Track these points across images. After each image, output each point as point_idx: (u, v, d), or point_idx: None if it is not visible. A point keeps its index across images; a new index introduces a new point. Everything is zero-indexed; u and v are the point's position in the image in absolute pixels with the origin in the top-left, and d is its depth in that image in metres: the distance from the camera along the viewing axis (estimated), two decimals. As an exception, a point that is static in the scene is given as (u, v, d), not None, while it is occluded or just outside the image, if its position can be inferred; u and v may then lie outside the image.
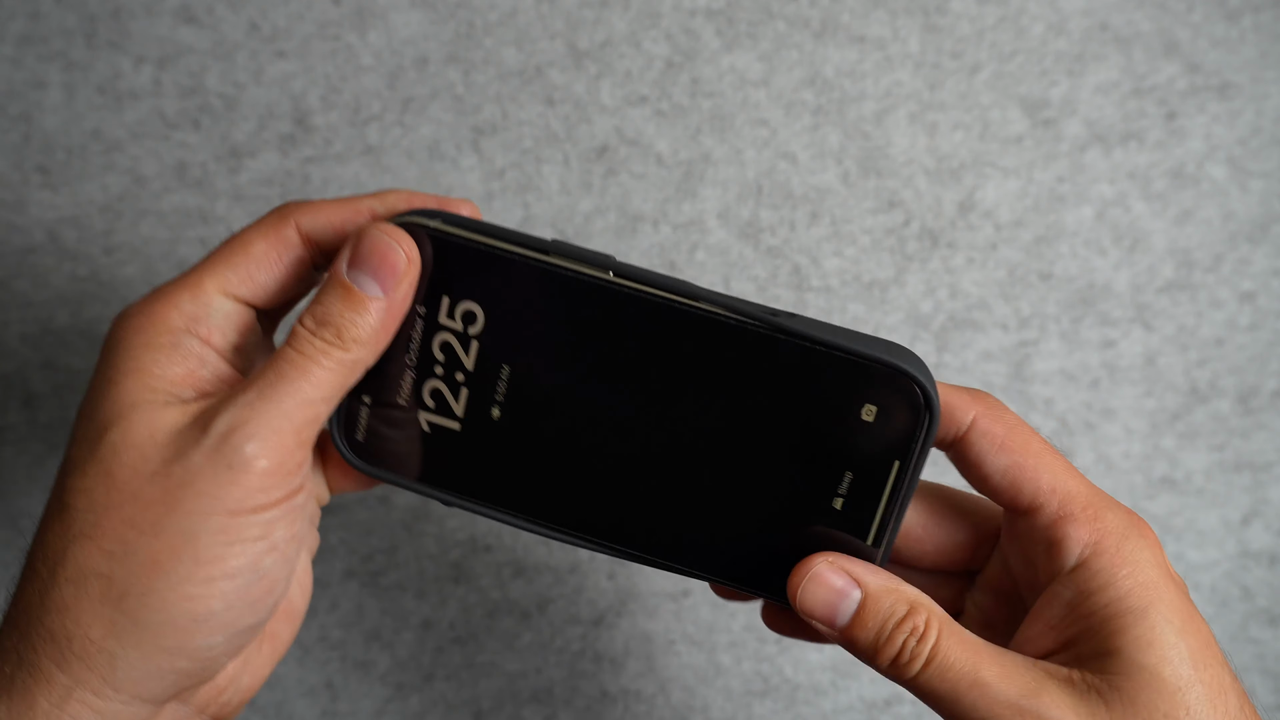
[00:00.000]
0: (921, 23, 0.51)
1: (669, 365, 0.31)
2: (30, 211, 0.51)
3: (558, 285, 0.31)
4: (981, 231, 0.52)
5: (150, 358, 0.29)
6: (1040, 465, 0.31)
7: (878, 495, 0.31)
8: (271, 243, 0.31)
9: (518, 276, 0.31)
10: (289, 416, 0.28)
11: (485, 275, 0.31)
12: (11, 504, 0.52)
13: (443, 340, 0.32)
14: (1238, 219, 0.52)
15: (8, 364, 0.51)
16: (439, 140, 0.51)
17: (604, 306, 0.31)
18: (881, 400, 0.30)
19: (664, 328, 0.30)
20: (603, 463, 0.32)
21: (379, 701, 0.53)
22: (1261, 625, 0.53)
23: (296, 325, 0.30)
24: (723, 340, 0.30)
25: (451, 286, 0.31)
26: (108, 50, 0.51)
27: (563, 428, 0.32)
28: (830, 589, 0.30)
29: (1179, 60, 0.52)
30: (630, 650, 0.53)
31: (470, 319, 0.32)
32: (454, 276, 0.31)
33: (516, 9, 0.51)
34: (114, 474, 0.28)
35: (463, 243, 0.31)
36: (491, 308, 0.31)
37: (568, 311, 0.31)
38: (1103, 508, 0.30)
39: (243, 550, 0.28)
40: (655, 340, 0.31)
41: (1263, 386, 0.52)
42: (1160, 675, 0.28)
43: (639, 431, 0.32)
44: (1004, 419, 0.31)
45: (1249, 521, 0.53)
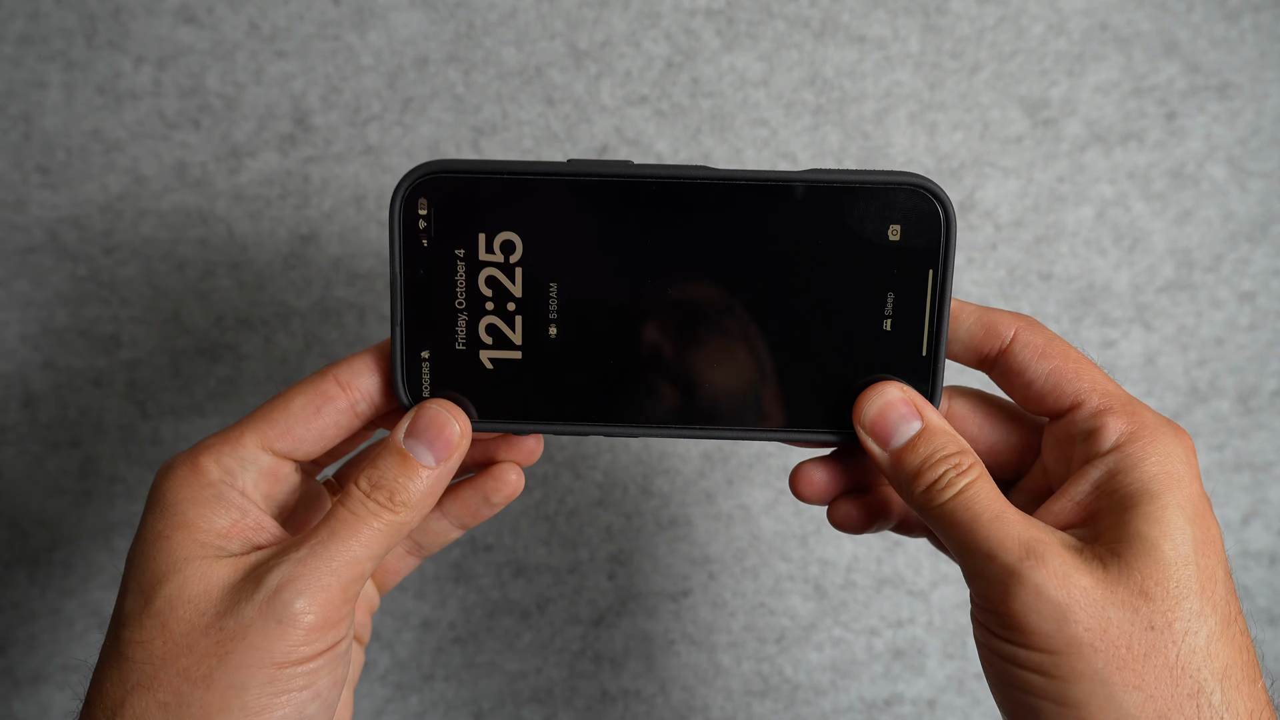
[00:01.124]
0: (921, 23, 0.51)
1: (703, 241, 0.33)
2: (30, 211, 0.51)
3: (587, 194, 0.33)
4: (981, 231, 0.52)
5: (196, 512, 0.31)
6: (1081, 369, 0.33)
7: (921, 306, 0.33)
8: (310, 398, 0.33)
9: (547, 197, 0.33)
10: (337, 574, 0.30)
11: (516, 204, 0.33)
12: (11, 504, 0.52)
13: (488, 275, 0.33)
14: (1238, 219, 0.52)
15: (8, 364, 0.51)
16: (439, 140, 0.51)
17: (633, 202, 0.33)
18: (902, 217, 0.32)
19: (692, 207, 0.33)
20: (662, 348, 0.34)
21: (379, 701, 0.53)
22: (1261, 625, 0.53)
23: (351, 486, 0.32)
24: (749, 204, 0.33)
25: (485, 222, 0.33)
26: (108, 50, 0.51)
27: (618, 326, 0.34)
28: (897, 412, 0.33)
29: (1179, 60, 0.52)
30: (630, 650, 0.53)
31: (509, 248, 0.33)
32: (485, 212, 0.33)
33: (516, 9, 0.51)
34: (169, 627, 0.30)
35: (488, 179, 0.33)
36: (527, 232, 0.33)
37: (600, 215, 0.33)
38: (1142, 407, 0.32)
39: (289, 700, 0.30)
40: (686, 221, 0.33)
41: (1263, 386, 0.52)
42: (1159, 548, 0.29)
43: (690, 309, 0.33)
44: (1044, 332, 0.34)
45: (1249, 521, 0.53)
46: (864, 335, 0.33)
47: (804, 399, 0.34)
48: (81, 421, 0.52)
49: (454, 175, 0.33)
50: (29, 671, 0.52)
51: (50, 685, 0.53)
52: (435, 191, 0.33)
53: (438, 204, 0.33)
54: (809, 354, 0.34)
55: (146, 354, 0.52)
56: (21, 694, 0.53)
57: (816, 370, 0.34)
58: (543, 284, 0.33)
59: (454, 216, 0.33)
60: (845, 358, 0.34)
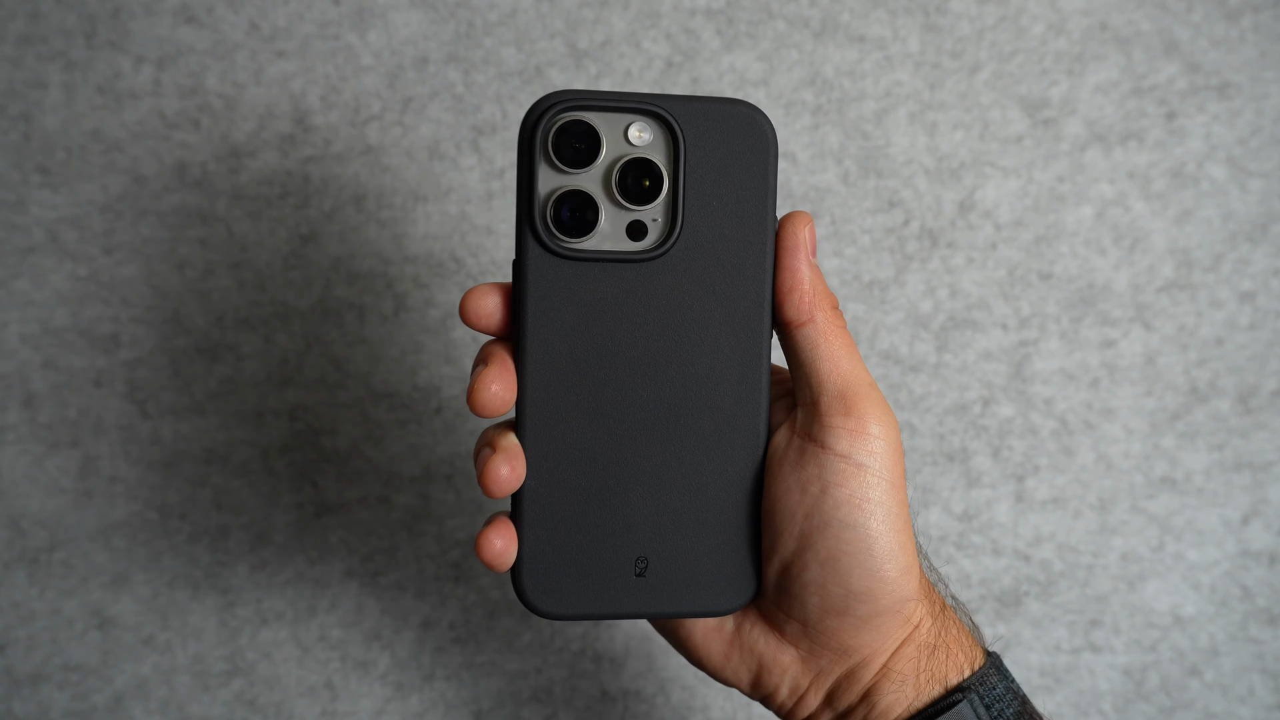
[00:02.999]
0: (921, 23, 0.51)
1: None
2: (30, 211, 0.51)
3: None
4: (981, 231, 0.52)
5: None
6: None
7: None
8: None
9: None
10: None
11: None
12: (11, 504, 0.52)
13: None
14: (1238, 219, 0.52)
15: (8, 364, 0.51)
16: (439, 140, 0.51)
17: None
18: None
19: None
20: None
21: (379, 701, 0.53)
22: (1261, 625, 0.53)
23: None
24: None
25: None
26: (108, 50, 0.51)
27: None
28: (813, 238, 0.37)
29: (1179, 60, 0.52)
30: (630, 650, 0.53)
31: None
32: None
33: (516, 9, 0.51)
34: None
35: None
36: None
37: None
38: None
39: None
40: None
41: (1263, 386, 0.52)
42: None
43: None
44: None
45: (1249, 521, 0.53)
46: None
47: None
48: (81, 421, 0.52)
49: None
50: (29, 671, 0.52)
51: (50, 685, 0.53)
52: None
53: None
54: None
55: (146, 354, 0.52)
56: (21, 694, 0.53)
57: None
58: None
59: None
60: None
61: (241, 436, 0.52)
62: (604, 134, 0.33)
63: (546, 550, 0.35)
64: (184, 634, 0.52)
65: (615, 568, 0.35)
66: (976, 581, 0.52)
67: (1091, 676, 0.53)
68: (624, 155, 0.33)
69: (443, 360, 0.52)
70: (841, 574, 0.33)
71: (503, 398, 0.33)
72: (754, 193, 0.34)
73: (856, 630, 0.34)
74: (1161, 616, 0.53)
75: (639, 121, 0.33)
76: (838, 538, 0.33)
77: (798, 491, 0.34)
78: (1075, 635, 0.53)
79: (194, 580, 0.52)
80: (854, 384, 0.34)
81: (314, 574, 0.52)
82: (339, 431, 0.52)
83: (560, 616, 0.35)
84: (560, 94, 0.33)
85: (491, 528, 0.34)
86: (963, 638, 0.36)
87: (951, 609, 0.37)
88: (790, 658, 0.36)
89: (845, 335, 0.35)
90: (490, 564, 0.34)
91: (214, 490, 0.52)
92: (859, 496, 0.33)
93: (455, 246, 0.52)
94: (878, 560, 0.33)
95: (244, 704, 0.52)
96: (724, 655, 0.37)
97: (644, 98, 0.34)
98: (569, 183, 0.33)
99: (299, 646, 0.53)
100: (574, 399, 0.34)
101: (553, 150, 0.33)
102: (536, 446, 0.34)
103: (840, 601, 0.34)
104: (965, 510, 0.52)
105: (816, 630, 0.35)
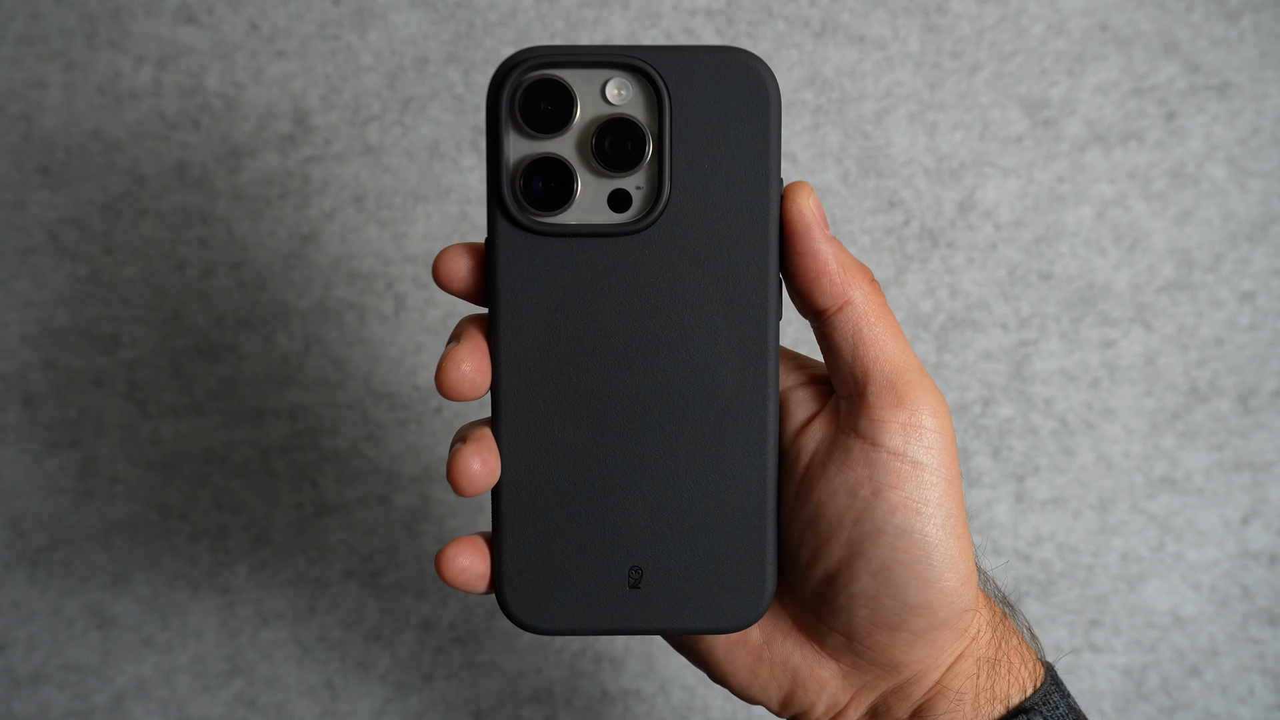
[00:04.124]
0: (921, 23, 0.51)
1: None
2: (30, 211, 0.51)
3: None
4: (981, 231, 0.52)
5: None
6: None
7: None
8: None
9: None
10: None
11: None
12: (11, 504, 0.52)
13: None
14: (1238, 219, 0.52)
15: (8, 364, 0.51)
16: (439, 140, 0.51)
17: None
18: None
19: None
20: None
21: (379, 701, 0.53)
22: (1261, 625, 0.53)
23: None
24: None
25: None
26: (108, 50, 0.51)
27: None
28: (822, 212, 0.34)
29: (1179, 60, 0.52)
30: (630, 650, 0.53)
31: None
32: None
33: (516, 9, 0.51)
34: None
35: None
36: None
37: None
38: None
39: None
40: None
41: (1263, 386, 0.52)
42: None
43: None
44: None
45: (1249, 521, 0.53)
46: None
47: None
48: (81, 421, 0.52)
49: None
50: (29, 671, 0.52)
51: (50, 685, 0.53)
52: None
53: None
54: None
55: (146, 354, 0.52)
56: (21, 694, 0.53)
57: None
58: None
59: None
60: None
61: (241, 436, 0.52)
62: (578, 92, 0.29)
63: (529, 557, 0.31)
64: (184, 634, 0.52)
65: (606, 578, 0.31)
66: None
67: (1091, 676, 0.53)
68: (602, 116, 0.30)
69: (443, 360, 0.52)
70: (897, 586, 0.30)
71: (473, 380, 0.30)
72: (753, 152, 0.30)
73: (910, 646, 0.31)
74: (1161, 616, 0.53)
75: (618, 77, 0.30)
76: (893, 546, 0.30)
77: (845, 495, 0.30)
78: (1075, 635, 0.53)
79: (194, 580, 0.52)
80: (903, 370, 0.30)
81: (314, 574, 0.52)
82: (339, 431, 0.52)
83: (546, 631, 0.32)
84: (528, 50, 0.30)
85: (452, 544, 0.31)
86: (1024, 649, 0.33)
87: (1009, 617, 0.34)
88: (830, 672, 0.32)
89: (888, 313, 0.31)
90: (452, 584, 0.31)
91: (214, 490, 0.52)
92: (916, 499, 0.30)
93: (455, 246, 0.52)
94: (937, 570, 0.30)
95: (244, 704, 0.52)
96: (750, 670, 0.33)
97: (623, 50, 0.29)
98: (541, 149, 0.30)
99: (299, 646, 0.53)
100: (555, 390, 0.31)
101: (521, 113, 0.29)
102: (514, 442, 0.31)
103: (894, 615, 0.30)
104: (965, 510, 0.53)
105: (863, 645, 0.31)
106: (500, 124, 0.30)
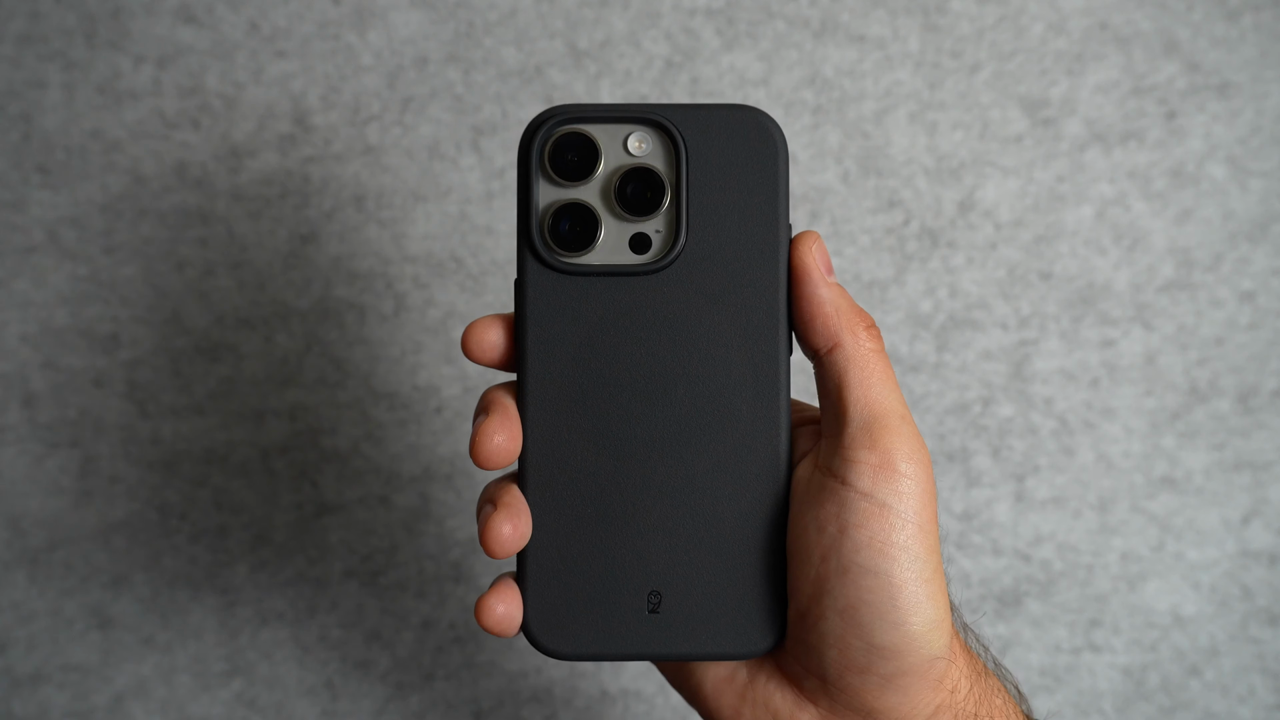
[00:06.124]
0: (921, 22, 0.51)
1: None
2: (30, 211, 0.51)
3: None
4: (981, 231, 0.52)
5: None
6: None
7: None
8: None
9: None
10: None
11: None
12: (11, 504, 0.52)
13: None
14: (1238, 218, 0.52)
15: (8, 364, 0.51)
16: (439, 140, 0.51)
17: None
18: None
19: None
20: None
21: (379, 701, 0.53)
22: (1261, 625, 0.53)
23: None
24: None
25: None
26: (108, 50, 0.51)
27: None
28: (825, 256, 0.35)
29: (1179, 60, 0.52)
30: (630, 650, 0.53)
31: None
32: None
33: (516, 9, 0.51)
34: None
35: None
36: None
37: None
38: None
39: None
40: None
41: (1263, 386, 0.52)
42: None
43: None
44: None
45: (1249, 521, 0.53)
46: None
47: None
48: (81, 421, 0.52)
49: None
50: (29, 671, 0.52)
51: (50, 685, 0.53)
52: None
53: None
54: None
55: (146, 354, 0.52)
56: (21, 694, 0.53)
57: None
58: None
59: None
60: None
61: (241, 436, 0.52)
62: (602, 145, 0.32)
63: (553, 584, 0.33)
64: (184, 634, 0.52)
65: (626, 602, 0.33)
66: (976, 581, 0.52)
67: (1091, 676, 0.53)
68: (624, 166, 0.32)
69: (443, 360, 0.52)
70: (862, 626, 0.30)
71: (507, 449, 0.32)
72: (763, 199, 0.32)
73: (881, 690, 0.31)
74: (1161, 616, 0.53)
75: (638, 131, 0.33)
76: (857, 584, 0.30)
77: (814, 531, 0.31)
78: (1075, 635, 0.53)
79: (194, 580, 0.52)
80: (882, 414, 0.31)
81: (314, 574, 0.52)
82: (339, 431, 0.52)
83: (569, 656, 0.33)
84: (558, 109, 0.33)
85: (493, 592, 0.32)
86: (1009, 708, 0.33)
87: (994, 674, 0.34)
88: (809, 716, 0.32)
89: (879, 359, 0.32)
90: (493, 630, 0.32)
91: (214, 490, 0.52)
92: (881, 539, 0.30)
93: (455, 246, 0.52)
94: (902, 612, 0.30)
95: (244, 704, 0.52)
96: (734, 709, 0.34)
97: (643, 107, 0.33)
98: (568, 196, 0.32)
99: (299, 646, 0.53)
100: (579, 420, 0.33)
101: (550, 163, 0.32)
102: (539, 471, 0.33)
103: (861, 657, 0.31)
104: (965, 510, 0.52)
105: (836, 688, 0.31)
106: (531, 173, 0.32)
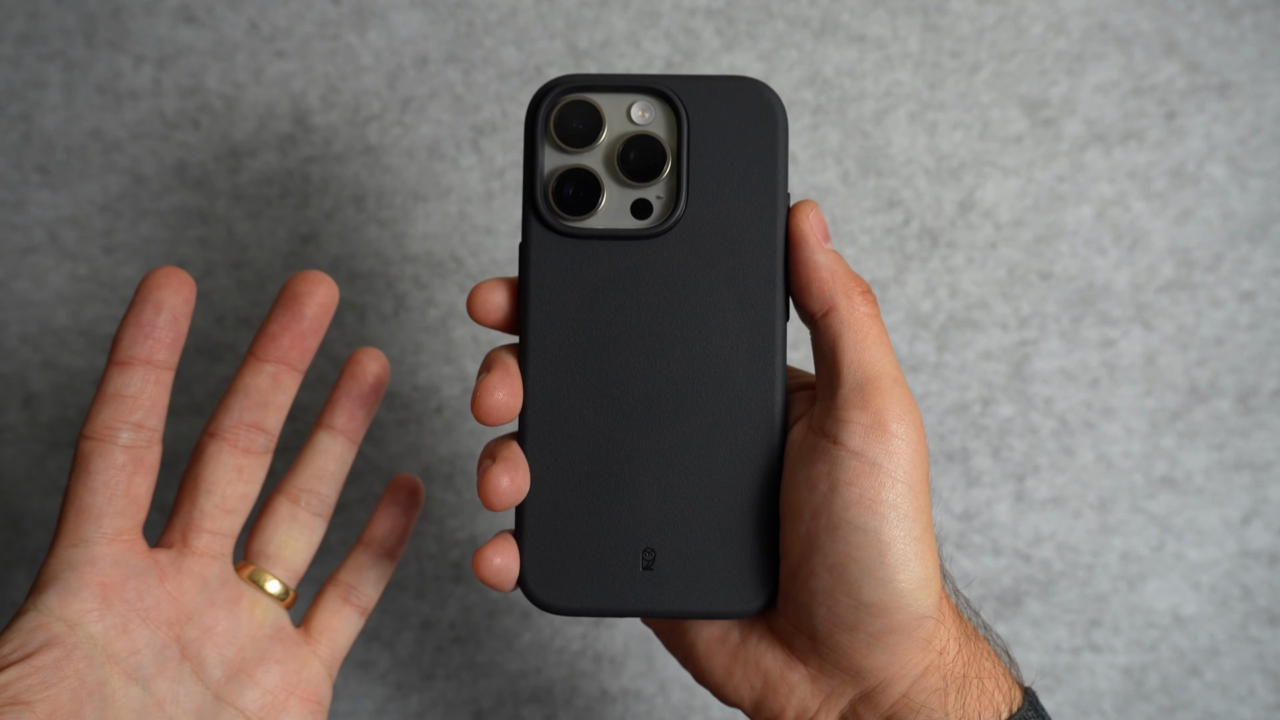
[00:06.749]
0: (921, 22, 0.51)
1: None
2: (30, 211, 0.51)
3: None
4: (981, 231, 0.52)
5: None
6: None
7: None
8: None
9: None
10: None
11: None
12: (11, 504, 0.52)
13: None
14: (1238, 218, 0.52)
15: (8, 364, 0.51)
16: (439, 140, 0.51)
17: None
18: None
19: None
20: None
21: (379, 701, 0.53)
22: (1261, 625, 0.53)
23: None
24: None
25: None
26: (108, 50, 0.51)
27: None
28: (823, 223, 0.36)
29: (1179, 60, 0.52)
30: (630, 650, 0.53)
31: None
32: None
33: (516, 9, 0.51)
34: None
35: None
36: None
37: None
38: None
39: None
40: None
41: (1263, 386, 0.52)
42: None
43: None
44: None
45: (1249, 521, 0.53)
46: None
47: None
48: (81, 421, 0.52)
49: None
50: (29, 671, 0.52)
51: (50, 685, 0.53)
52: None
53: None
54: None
55: (146, 354, 0.52)
56: (21, 694, 0.53)
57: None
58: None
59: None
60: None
61: (241, 436, 0.52)
62: (606, 113, 0.33)
63: (549, 539, 0.34)
64: (184, 634, 0.52)
65: (621, 559, 0.33)
66: (976, 581, 0.52)
67: (1091, 676, 0.53)
68: (627, 133, 0.33)
69: (443, 360, 0.52)
70: (850, 583, 0.31)
71: (507, 405, 0.32)
72: (761, 168, 0.33)
73: (869, 648, 0.31)
74: (1161, 616, 0.53)
75: (642, 100, 0.33)
76: (846, 541, 0.31)
77: (805, 489, 0.31)
78: (1075, 635, 0.53)
79: (194, 580, 0.52)
80: (875, 376, 0.31)
81: (314, 574, 0.52)
82: (339, 431, 0.52)
83: (564, 610, 0.34)
84: (564, 78, 0.34)
85: (491, 545, 0.33)
86: (998, 672, 0.33)
87: (984, 637, 0.34)
88: (799, 676, 0.33)
89: (874, 323, 0.32)
90: (489, 582, 0.32)
91: (214, 490, 0.52)
92: (870, 497, 0.30)
93: (455, 246, 0.52)
94: (890, 569, 0.30)
95: (244, 704, 0.52)
96: (726, 669, 0.34)
97: (647, 78, 0.33)
98: (572, 161, 0.33)
99: (299, 646, 0.53)
100: (578, 379, 0.33)
101: (555, 130, 0.33)
102: (538, 429, 0.33)
103: (849, 614, 0.31)
104: (965, 510, 0.52)
105: (825, 646, 0.32)
106: (536, 139, 0.33)
